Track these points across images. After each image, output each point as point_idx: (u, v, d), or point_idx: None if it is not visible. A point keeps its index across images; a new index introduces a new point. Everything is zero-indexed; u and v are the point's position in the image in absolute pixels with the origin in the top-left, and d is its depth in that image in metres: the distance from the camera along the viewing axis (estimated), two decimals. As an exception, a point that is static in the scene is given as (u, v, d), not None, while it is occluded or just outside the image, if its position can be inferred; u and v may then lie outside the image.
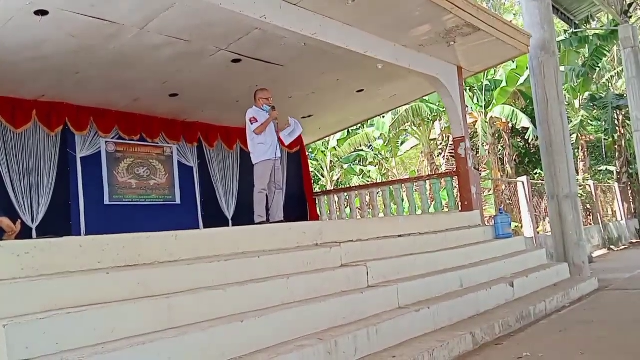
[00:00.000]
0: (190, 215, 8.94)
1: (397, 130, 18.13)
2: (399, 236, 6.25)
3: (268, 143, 6.32)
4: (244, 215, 7.39)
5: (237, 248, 4.56)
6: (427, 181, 9.58)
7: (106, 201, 7.95)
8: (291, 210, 8.97)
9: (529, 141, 17.42)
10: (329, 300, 4.26)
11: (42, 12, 4.96)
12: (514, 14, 21.88)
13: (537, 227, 11.97)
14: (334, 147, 20.31)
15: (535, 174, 18.43)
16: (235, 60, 6.77)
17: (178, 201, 8.89)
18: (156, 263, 3.91)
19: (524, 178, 12.04)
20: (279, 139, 6.59)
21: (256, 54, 6.66)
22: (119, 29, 5.49)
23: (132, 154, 8.42)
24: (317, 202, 11.09)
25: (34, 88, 6.93)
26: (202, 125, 9.34)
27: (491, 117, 16.38)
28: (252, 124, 6.33)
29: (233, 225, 9.13)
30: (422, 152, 20.07)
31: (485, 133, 16.40)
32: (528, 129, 15.66)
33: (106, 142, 8.11)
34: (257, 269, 4.29)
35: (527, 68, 12.94)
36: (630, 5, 14.21)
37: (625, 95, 15.57)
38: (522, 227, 12.01)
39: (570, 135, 11.23)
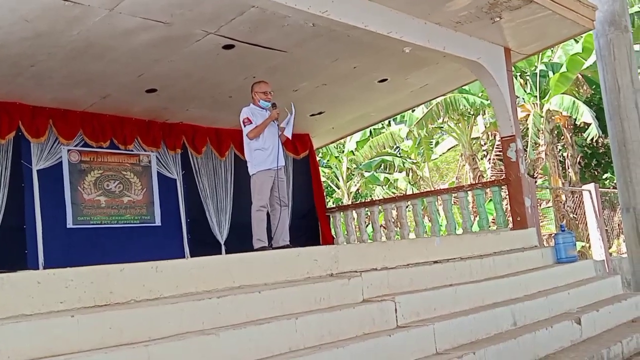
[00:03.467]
0: (173, 239, 8.98)
1: (428, 128, 18.10)
2: (435, 262, 6.20)
3: (268, 149, 6.35)
4: (241, 239, 7.37)
5: (232, 281, 4.56)
6: (469, 192, 9.55)
7: (69, 224, 8.00)
8: (299, 231, 8.99)
9: (594, 139, 17.31)
10: (348, 346, 4.23)
11: (-11, -7, 5.04)
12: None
13: (610, 248, 11.87)
14: (352, 151, 20.36)
15: (606, 179, 18.30)
16: (228, 47, 6.81)
17: (158, 222, 8.94)
18: (132, 302, 3.91)
19: (591, 186, 11.97)
20: (284, 142, 6.62)
21: (253, 38, 6.69)
22: (84, 11, 5.54)
23: (101, 164, 8.48)
24: (331, 220, 11.08)
25: (-21, 85, 7.01)
26: (187, 127, 9.40)
27: (548, 109, 16.31)
28: (245, 125, 6.36)
29: (227, 251, 9.15)
30: (461, 155, 20.05)
31: (541, 130, 16.33)
32: (590, 125, 15.56)
33: (69, 150, 8.18)
34: (257, 308, 4.27)
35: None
36: None
37: None
38: (590, 247, 11.91)
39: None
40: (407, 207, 10.11)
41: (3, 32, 5.74)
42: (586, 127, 16.62)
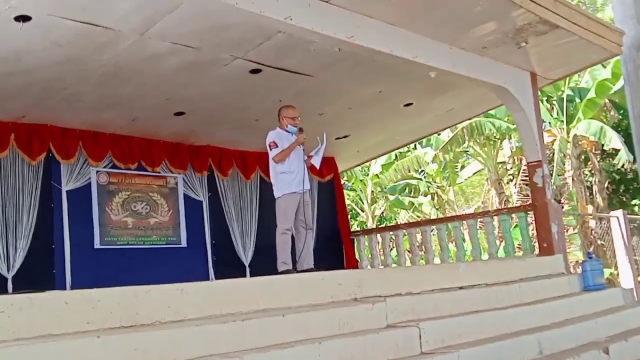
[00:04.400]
0: (198, 261, 9.03)
1: (454, 152, 18.03)
2: (460, 288, 6.15)
3: (294, 172, 6.37)
4: (265, 262, 7.38)
5: (256, 304, 4.55)
6: (495, 217, 9.49)
7: (97, 244, 8.09)
8: (323, 254, 8.96)
9: (624, 165, 17.12)
10: (371, 371, 4.21)
11: (23, 18, 5.14)
12: (600, 5, 21.74)
13: (638, 276, 11.65)
14: (377, 174, 20.32)
15: (634, 206, 18.00)
16: (255, 71, 6.89)
17: (184, 244, 9.00)
18: (157, 324, 3.93)
19: (619, 212, 11.79)
20: (309, 167, 6.64)
21: (280, 62, 6.77)
22: (115, 36, 5.66)
23: (129, 186, 8.59)
24: (355, 243, 11.05)
25: (13, 107, 7.16)
26: (213, 149, 9.49)
27: (575, 134, 16.17)
28: (271, 149, 6.40)
29: (251, 274, 9.18)
30: (487, 179, 19.90)
31: (567, 155, 16.17)
32: (619, 150, 15.37)
33: (97, 172, 8.29)
34: (281, 331, 4.26)
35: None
36: None
37: None
38: (618, 275, 11.72)
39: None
40: (432, 231, 10.06)
41: (35, 57, 5.88)
42: (615, 152, 16.42)
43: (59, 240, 7.73)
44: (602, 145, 16.20)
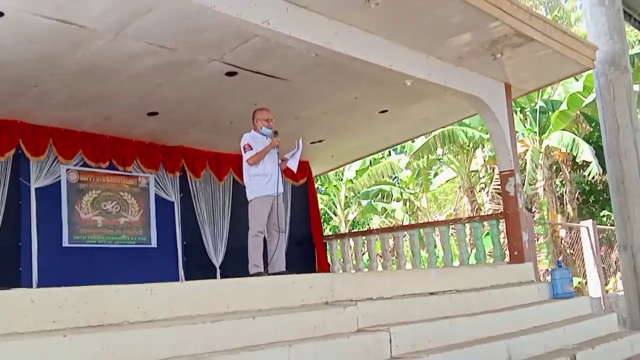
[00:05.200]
0: (168, 262, 8.96)
1: (428, 159, 18.15)
2: (431, 294, 6.19)
3: (268, 175, 6.35)
4: (236, 264, 7.38)
5: (226, 306, 4.53)
6: (467, 224, 9.54)
7: (65, 243, 7.99)
8: (295, 258, 8.89)
9: (594, 177, 17.40)
10: (341, 375, 4.21)
11: (-5, 14, 5.08)
12: (574, 20, 22.10)
13: (606, 285, 11.84)
14: (351, 180, 20.37)
15: (603, 216, 18.29)
16: (230, 73, 6.87)
17: (154, 244, 8.93)
18: (125, 324, 3.89)
19: (589, 222, 11.97)
20: (285, 170, 6.63)
21: (256, 66, 6.76)
22: (89, 35, 5.60)
23: (99, 184, 8.50)
24: (327, 247, 11.06)
25: (-19, 103, 7.05)
26: (186, 150, 9.44)
27: (547, 145, 16.40)
28: (245, 151, 6.38)
29: (222, 276, 9.14)
30: (460, 187, 20.09)
31: (539, 165, 16.40)
32: (590, 163, 15.62)
33: (67, 170, 8.20)
34: (251, 334, 4.25)
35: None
36: None
37: None
38: (586, 284, 11.88)
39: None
40: (404, 237, 10.10)
41: (6, 53, 5.80)
42: (586, 164, 16.68)
43: (26, 238, 7.62)
44: (574, 156, 16.44)
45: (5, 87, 6.62)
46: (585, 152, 15.33)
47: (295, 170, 6.82)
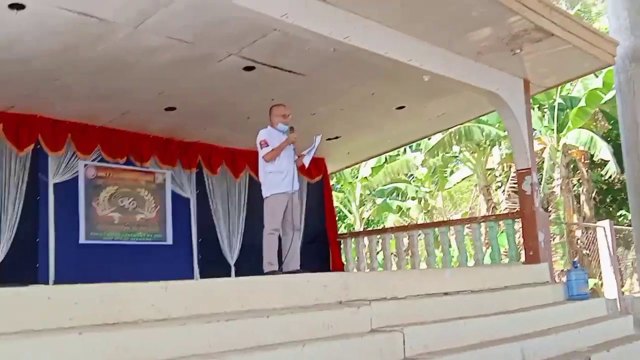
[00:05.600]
0: (183, 259, 9.00)
1: (443, 157, 18.04)
2: (445, 294, 6.16)
3: (283, 172, 6.33)
4: (251, 262, 7.39)
5: (240, 305, 4.53)
6: (482, 223, 9.49)
7: (82, 239, 8.04)
8: (309, 256, 8.91)
9: (612, 176, 17.23)
10: (354, 375, 4.20)
11: (17, 6, 5.11)
12: (595, 15, 21.87)
13: (622, 287, 11.73)
14: (366, 177, 20.31)
15: (620, 217, 18.12)
16: (248, 68, 6.87)
17: (169, 241, 8.97)
18: (140, 322, 3.89)
19: (605, 222, 11.86)
20: (300, 167, 6.62)
21: (274, 60, 6.76)
22: (109, 28, 5.64)
23: (116, 180, 8.54)
24: (342, 246, 11.04)
25: (3, 97, 7.11)
26: (203, 146, 9.45)
27: (564, 143, 16.24)
28: (262, 148, 6.36)
29: (236, 274, 9.15)
30: (476, 185, 19.98)
31: (557, 164, 16.25)
32: (608, 161, 15.44)
33: (85, 165, 8.24)
34: (265, 333, 4.25)
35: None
36: None
37: None
38: (602, 285, 11.78)
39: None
40: (419, 236, 10.06)
41: (28, 46, 5.86)
42: (603, 163, 16.51)
43: (43, 234, 7.68)
44: (592, 155, 16.28)
45: (27, 80, 6.67)
46: (603, 150, 15.15)
47: (307, 165, 6.78)
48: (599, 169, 18.24)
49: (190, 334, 3.88)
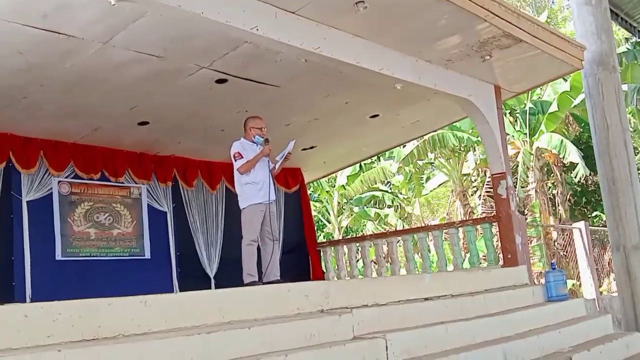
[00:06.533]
0: (162, 273, 8.90)
1: (415, 164, 18.13)
2: (426, 299, 6.19)
3: (259, 183, 6.35)
4: (231, 274, 7.34)
5: (221, 316, 4.52)
6: (460, 228, 9.54)
7: (58, 256, 7.93)
8: (289, 266, 8.93)
9: (581, 179, 17.46)
10: (338, 383, 4.19)
11: (-19, 24, 5.05)
12: (561, 21, 22.22)
13: (600, 287, 11.87)
14: (343, 186, 20.36)
15: (595, 217, 18.36)
16: (220, 81, 6.86)
17: (147, 255, 8.88)
18: (120, 336, 3.87)
19: (581, 224, 12.01)
20: (275, 176, 6.62)
21: (246, 72, 6.75)
22: (78, 44, 5.59)
23: (91, 196, 8.45)
24: (321, 254, 11.04)
25: (-29, 116, 7.00)
26: (178, 160, 9.41)
27: (537, 147, 16.45)
28: (236, 160, 6.37)
29: (216, 286, 9.11)
30: (452, 191, 20.12)
31: (530, 167, 16.44)
32: (577, 164, 15.65)
33: (59, 182, 8.15)
34: (246, 344, 4.23)
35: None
36: None
37: None
38: (580, 286, 11.91)
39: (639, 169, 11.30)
40: (398, 242, 10.09)
41: (-5, 64, 5.78)
42: (574, 165, 16.75)
43: (18, 252, 7.56)
44: (563, 158, 16.50)
45: (-7, 99, 6.60)
46: (572, 154, 15.37)
47: (277, 169, 6.76)
48: (571, 172, 18.48)
49: (171, 347, 3.86)
